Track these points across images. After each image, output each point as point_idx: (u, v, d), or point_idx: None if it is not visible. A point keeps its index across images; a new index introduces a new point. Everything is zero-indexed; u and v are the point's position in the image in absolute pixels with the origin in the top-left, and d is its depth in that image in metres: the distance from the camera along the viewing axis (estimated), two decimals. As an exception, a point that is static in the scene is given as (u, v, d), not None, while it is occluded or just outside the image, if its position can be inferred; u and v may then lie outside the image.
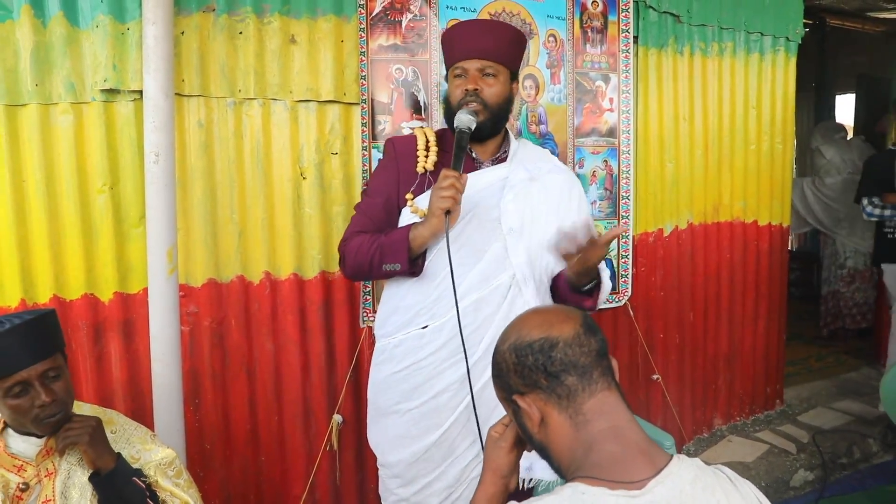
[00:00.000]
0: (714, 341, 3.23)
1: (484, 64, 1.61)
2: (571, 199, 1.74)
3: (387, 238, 1.59)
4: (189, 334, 2.14)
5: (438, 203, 1.48)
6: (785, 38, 3.25)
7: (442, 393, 1.62)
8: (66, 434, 1.34)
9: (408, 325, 1.65)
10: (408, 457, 1.66)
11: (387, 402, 1.69)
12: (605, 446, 0.88)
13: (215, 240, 2.15)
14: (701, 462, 0.92)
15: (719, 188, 3.14)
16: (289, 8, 2.15)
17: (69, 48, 1.91)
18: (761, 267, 3.35)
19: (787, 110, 3.33)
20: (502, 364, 0.98)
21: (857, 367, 4.20)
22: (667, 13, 2.84)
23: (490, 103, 1.61)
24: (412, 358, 1.64)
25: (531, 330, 0.95)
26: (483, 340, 1.60)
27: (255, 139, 2.16)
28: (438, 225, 1.50)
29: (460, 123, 1.56)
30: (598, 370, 0.92)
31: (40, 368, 1.31)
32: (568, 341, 0.92)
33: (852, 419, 3.40)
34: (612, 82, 2.66)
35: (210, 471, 2.20)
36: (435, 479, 1.66)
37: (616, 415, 0.91)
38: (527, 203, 1.65)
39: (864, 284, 4.50)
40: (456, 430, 1.63)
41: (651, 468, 0.87)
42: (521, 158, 1.72)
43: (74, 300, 1.99)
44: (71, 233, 1.96)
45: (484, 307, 1.60)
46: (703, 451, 3.10)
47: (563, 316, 0.96)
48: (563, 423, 0.91)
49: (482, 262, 1.61)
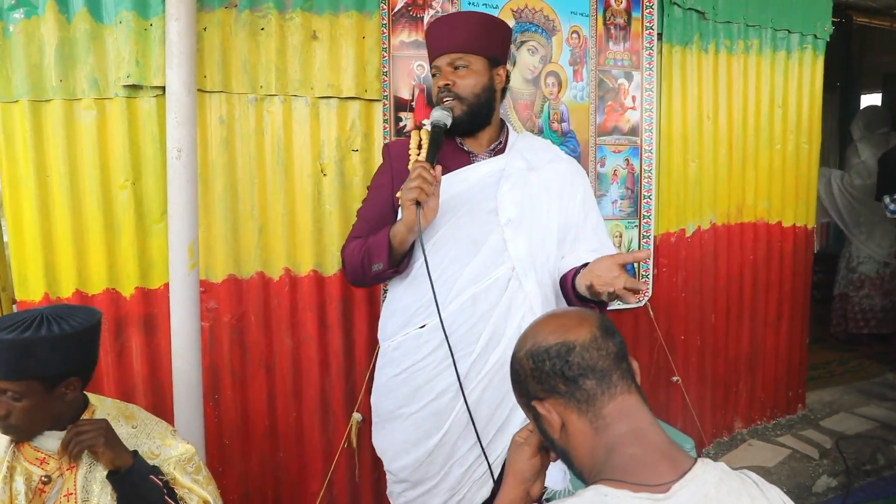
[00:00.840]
0: (735, 344, 3.19)
1: (453, 57, 1.59)
2: (575, 190, 1.69)
3: (372, 238, 1.58)
4: (209, 330, 2.14)
5: (406, 194, 1.46)
6: (813, 35, 3.19)
7: (442, 395, 1.60)
8: (78, 438, 1.33)
9: (406, 325, 1.63)
10: (412, 462, 1.64)
11: (389, 407, 1.67)
12: (627, 449, 0.87)
13: (236, 236, 2.15)
14: (726, 466, 0.90)
15: (743, 188, 3.09)
16: (311, 4, 2.14)
17: (93, 44, 1.92)
18: (785, 269, 3.30)
19: (813, 109, 3.27)
20: (520, 371, 0.97)
21: (881, 372, 4.12)
22: (692, 10, 2.80)
23: (463, 95, 1.59)
24: (411, 359, 1.62)
25: (547, 335, 0.94)
26: (482, 336, 1.57)
27: (276, 135, 2.16)
28: (409, 217, 1.46)
29: (434, 119, 1.56)
30: (618, 373, 0.91)
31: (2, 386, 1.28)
32: (585, 345, 0.91)
33: (877, 425, 3.34)
34: (634, 80, 2.63)
35: (229, 466, 2.21)
36: (439, 482, 1.64)
37: (637, 417, 0.90)
38: (525, 193, 1.61)
39: (873, 292, 4.41)
40: (456, 433, 1.60)
41: (674, 471, 0.85)
42: (519, 149, 1.69)
43: (96, 295, 2.00)
44: (93, 228, 1.97)
45: (481, 302, 1.57)
46: (723, 454, 3.05)
47: (579, 319, 0.95)
48: (583, 427, 0.90)
49: (479, 255, 1.58)
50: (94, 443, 1.33)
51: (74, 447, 1.33)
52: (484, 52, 1.61)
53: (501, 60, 1.66)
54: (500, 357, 1.58)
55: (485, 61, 1.61)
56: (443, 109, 1.58)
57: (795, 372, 3.44)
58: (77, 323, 1.31)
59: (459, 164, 1.65)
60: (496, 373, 1.58)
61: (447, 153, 1.64)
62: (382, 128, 2.25)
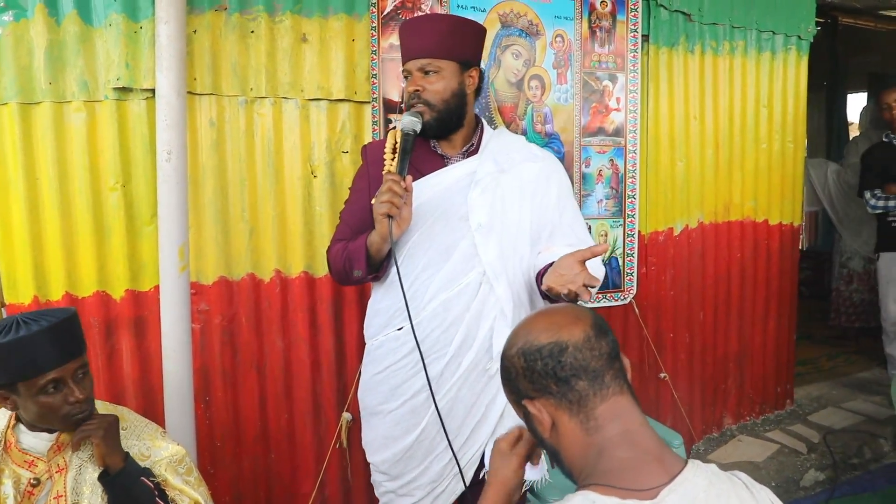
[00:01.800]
0: (724, 340, 3.22)
1: (423, 63, 1.59)
2: (549, 188, 1.69)
3: (352, 244, 1.61)
4: (200, 332, 2.15)
5: (377, 208, 1.48)
6: (797, 36, 3.23)
7: (418, 394, 1.63)
8: (83, 427, 1.36)
9: (385, 326, 1.66)
10: (391, 456, 1.69)
11: (372, 403, 1.72)
12: (617, 452, 0.87)
13: (226, 238, 2.16)
14: (716, 468, 0.90)
15: (730, 187, 3.13)
16: (300, 7, 2.16)
17: (82, 46, 1.93)
18: (772, 266, 3.34)
19: (798, 109, 3.31)
20: (511, 369, 0.95)
21: (868, 366, 4.17)
22: (678, 12, 2.83)
23: (433, 102, 1.59)
24: (390, 359, 1.65)
25: (539, 334, 0.92)
26: (454, 340, 1.60)
27: (266, 137, 2.17)
28: (382, 229, 1.49)
29: (403, 126, 1.57)
30: (610, 373, 0.90)
31: (72, 366, 1.34)
32: (578, 345, 0.89)
33: (863, 419, 3.38)
34: (619, 82, 2.66)
35: (220, 468, 2.22)
36: (419, 475, 1.68)
37: (628, 419, 0.89)
38: (496, 196, 1.62)
39: (861, 286, 4.47)
40: (433, 430, 1.63)
41: (664, 475, 0.85)
42: (491, 150, 1.69)
43: (86, 297, 2.00)
44: (83, 230, 1.98)
45: (453, 307, 1.59)
46: (713, 450, 3.08)
47: (572, 318, 0.93)
48: (574, 428, 0.90)
49: (450, 261, 1.60)
50: (94, 433, 1.35)
51: (78, 434, 1.36)
52: (454, 56, 1.61)
53: (474, 62, 1.66)
54: (474, 359, 1.61)
55: (455, 65, 1.61)
56: (412, 116, 1.58)
57: (783, 368, 3.48)
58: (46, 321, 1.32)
59: (433, 168, 1.66)
60: (470, 373, 1.62)
61: (421, 157, 1.66)
62: (372, 130, 2.27)
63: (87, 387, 1.38)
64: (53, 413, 1.34)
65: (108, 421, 1.38)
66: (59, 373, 1.32)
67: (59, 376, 1.32)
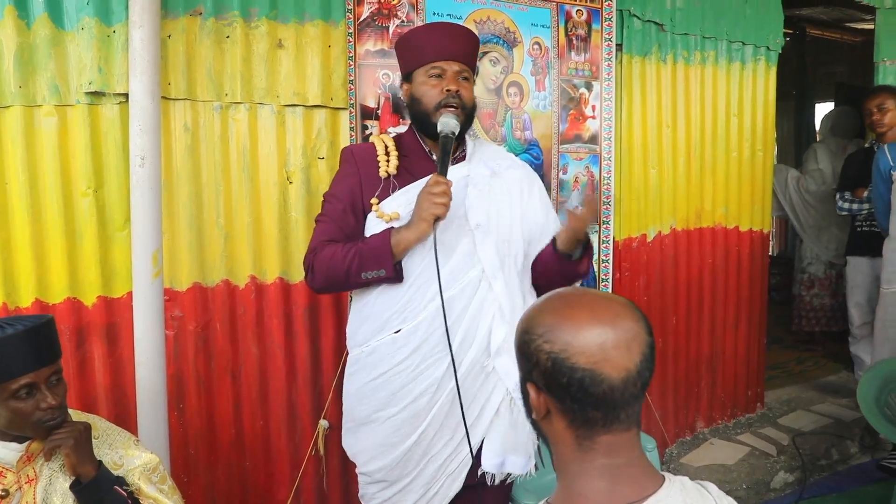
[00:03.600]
0: (696, 345, 3.27)
1: (462, 67, 1.64)
2: (532, 194, 1.76)
3: (365, 245, 1.57)
4: (173, 339, 2.13)
5: (433, 209, 1.48)
6: (766, 47, 3.31)
7: (420, 397, 1.62)
8: (53, 437, 1.34)
9: (379, 331, 1.63)
10: (389, 463, 1.66)
11: (365, 412, 1.68)
12: (597, 483, 0.84)
13: (201, 244, 2.14)
14: (687, 481, 0.88)
15: (701, 194, 3.18)
16: (276, 13, 2.15)
17: (54, 50, 1.90)
18: (742, 272, 3.40)
19: (767, 118, 3.39)
20: (533, 357, 0.85)
21: (836, 370, 4.27)
22: (650, 22, 2.88)
23: (468, 106, 1.64)
24: (387, 364, 1.62)
25: (583, 349, 0.81)
26: (455, 338, 1.59)
27: (241, 143, 2.16)
28: (427, 230, 1.50)
29: (445, 128, 1.57)
30: (628, 411, 0.83)
31: (46, 372, 1.33)
32: (614, 385, 0.80)
33: (831, 422, 3.46)
34: (594, 90, 2.70)
35: (194, 476, 2.19)
36: (415, 478, 1.67)
37: (623, 453, 0.85)
38: (490, 199, 1.67)
39: (822, 291, 4.57)
40: (432, 431, 1.63)
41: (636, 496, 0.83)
42: (480, 156, 1.74)
43: (57, 304, 1.97)
44: (54, 236, 1.95)
45: (455, 304, 1.60)
46: (686, 453, 3.13)
47: (624, 347, 0.81)
48: (568, 436, 0.86)
49: (452, 260, 1.61)
50: (63, 443, 1.33)
51: (48, 444, 1.34)
52: (475, 70, 1.71)
53: None
54: (474, 357, 1.62)
55: (474, 78, 1.70)
56: (452, 118, 1.59)
57: (754, 371, 3.54)
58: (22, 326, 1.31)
59: (427, 172, 1.66)
60: (469, 372, 1.62)
61: (415, 161, 1.68)
62: (349, 136, 2.27)
63: (61, 393, 1.36)
64: (25, 419, 1.32)
65: (80, 429, 1.36)
66: (33, 378, 1.31)
67: (33, 381, 1.31)
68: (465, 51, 1.65)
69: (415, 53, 1.65)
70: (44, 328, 1.34)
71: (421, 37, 1.66)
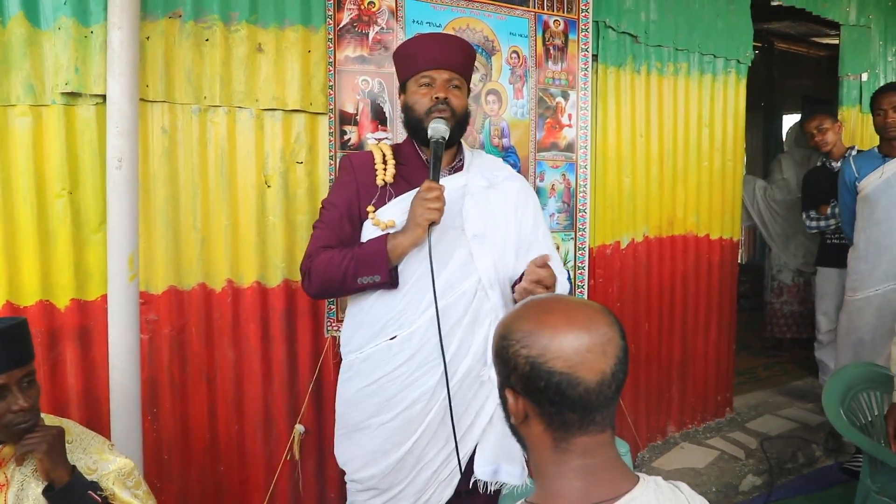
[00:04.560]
0: (668, 351, 3.33)
1: (451, 75, 1.66)
2: (527, 207, 1.78)
3: (361, 251, 1.58)
4: (148, 342, 2.11)
5: (427, 214, 1.50)
6: (736, 60, 3.39)
7: (415, 403, 1.62)
8: (25, 441, 1.32)
9: (375, 337, 1.64)
10: (382, 470, 1.65)
11: (358, 418, 1.67)
12: (574, 483, 0.86)
13: (177, 247, 2.13)
14: (661, 480, 0.91)
15: (674, 203, 3.25)
16: (256, 17, 2.15)
17: (29, 49, 1.88)
18: (713, 279, 3.48)
19: (737, 129, 3.48)
20: (511, 361, 0.87)
21: (802, 376, 4.38)
22: (625, 33, 2.94)
23: (458, 112, 1.65)
24: (382, 370, 1.62)
25: (560, 353, 0.83)
26: (451, 346, 1.61)
27: (219, 146, 2.15)
28: (422, 235, 1.52)
29: (435, 133, 1.59)
30: (603, 413, 0.86)
31: (18, 374, 1.32)
32: (590, 388, 0.83)
33: (797, 426, 3.55)
34: (571, 99, 2.74)
35: (167, 481, 2.17)
36: (407, 486, 1.67)
37: (599, 454, 0.87)
38: (487, 209, 1.69)
39: (790, 298, 4.69)
40: (426, 439, 1.64)
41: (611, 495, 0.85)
42: (477, 166, 1.75)
43: (29, 307, 1.94)
44: (27, 237, 1.92)
45: (451, 313, 1.61)
46: (657, 457, 3.18)
47: (599, 351, 0.84)
48: (545, 438, 0.87)
49: (447, 268, 1.63)
50: (36, 448, 1.32)
51: (20, 449, 1.32)
52: (468, 78, 1.72)
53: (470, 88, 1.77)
54: (469, 366, 1.63)
55: (467, 88, 1.72)
56: (442, 123, 1.60)
57: (724, 377, 3.62)
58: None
59: (423, 180, 1.66)
60: (463, 381, 1.63)
61: (413, 169, 1.69)
62: (328, 141, 2.27)
63: (33, 396, 1.35)
64: None
65: (53, 434, 1.35)
66: (4, 379, 1.30)
67: (4, 383, 1.30)
68: (456, 60, 1.66)
69: (408, 63, 1.68)
70: (16, 329, 1.33)
71: (414, 47, 1.69)
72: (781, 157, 4.71)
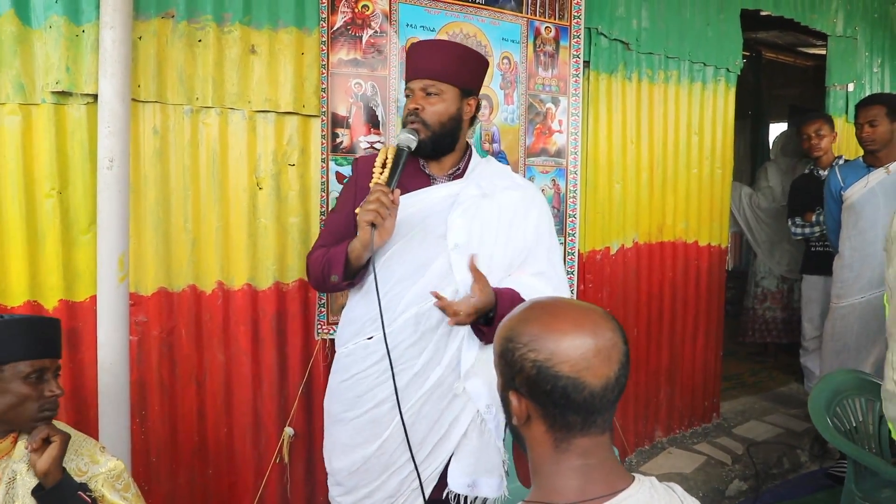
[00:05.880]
0: (656, 357, 3.35)
1: (426, 83, 1.67)
2: (528, 218, 1.75)
3: (333, 250, 1.67)
4: (137, 344, 2.09)
5: (362, 215, 1.54)
6: (726, 69, 3.43)
7: (381, 404, 1.65)
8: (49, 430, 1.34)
9: (356, 335, 1.69)
10: (348, 465, 1.70)
11: (336, 410, 1.74)
12: (571, 481, 0.88)
13: (167, 248, 2.12)
14: (655, 480, 0.93)
15: (663, 209, 3.27)
16: (250, 18, 2.15)
17: (20, 48, 1.86)
18: (701, 285, 3.50)
19: (726, 137, 3.51)
20: (517, 364, 0.88)
21: (787, 382, 4.42)
22: (617, 40, 2.96)
23: (429, 122, 1.66)
24: (357, 367, 1.68)
25: (567, 358, 0.85)
26: (423, 354, 1.63)
27: (211, 148, 2.14)
28: (364, 236, 1.55)
29: (400, 142, 1.64)
30: (604, 416, 0.88)
31: (55, 363, 1.39)
32: (595, 392, 0.85)
33: (783, 431, 3.58)
34: (561, 105, 2.76)
35: (156, 484, 2.15)
36: (375, 490, 1.68)
37: (597, 454, 0.89)
38: (476, 219, 1.68)
39: (774, 305, 4.74)
40: (394, 443, 1.65)
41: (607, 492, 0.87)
42: (477, 175, 1.75)
43: (16, 307, 1.91)
44: (15, 237, 1.90)
45: (424, 321, 1.63)
46: (645, 462, 3.19)
47: (605, 356, 0.86)
48: (546, 438, 0.89)
49: (425, 276, 1.64)
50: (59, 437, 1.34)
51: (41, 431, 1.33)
52: (457, 82, 1.68)
53: (474, 91, 1.74)
54: (441, 376, 1.64)
55: (456, 91, 1.69)
56: (409, 133, 1.64)
57: (711, 383, 3.64)
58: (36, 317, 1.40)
59: (418, 186, 1.71)
60: (435, 390, 1.64)
61: (409, 174, 1.70)
62: (320, 143, 2.27)
63: (61, 387, 1.41)
64: (28, 403, 1.34)
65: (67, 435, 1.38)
66: (46, 363, 1.36)
67: (46, 366, 1.36)
68: (432, 66, 1.66)
69: (405, 73, 1.74)
70: (54, 323, 1.44)
71: (407, 57, 1.73)
72: (768, 165, 4.76)
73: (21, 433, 1.38)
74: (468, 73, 1.72)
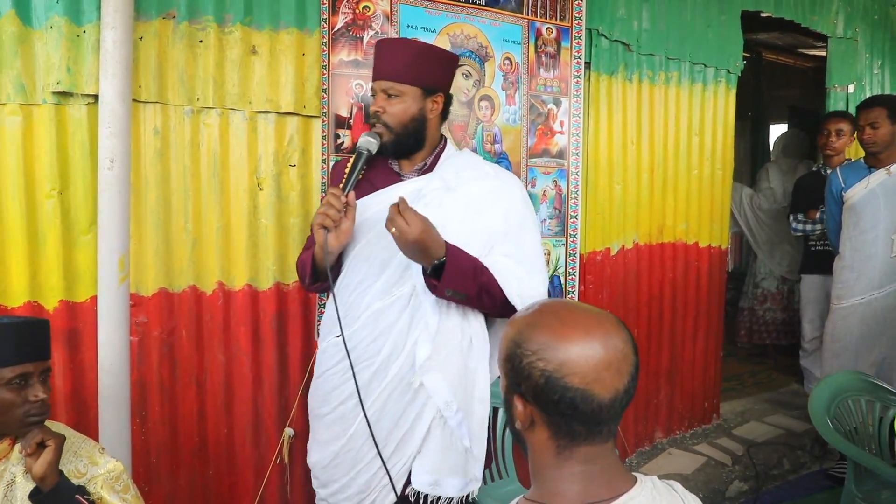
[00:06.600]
0: (656, 358, 3.35)
1: (386, 85, 1.67)
2: (496, 206, 1.70)
3: (304, 255, 1.76)
4: (138, 345, 2.09)
5: (314, 219, 1.58)
6: (726, 70, 3.43)
7: (346, 401, 1.69)
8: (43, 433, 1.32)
9: (329, 334, 1.75)
10: (321, 459, 1.75)
11: (313, 406, 1.81)
12: (573, 486, 0.88)
13: (168, 249, 2.11)
14: (657, 480, 0.93)
15: (664, 210, 3.27)
16: (251, 19, 2.15)
17: (20, 48, 1.86)
18: (701, 286, 3.50)
19: (727, 138, 3.51)
20: (524, 371, 0.86)
21: (787, 383, 4.42)
22: (618, 41, 2.96)
23: (391, 124, 1.66)
24: (327, 364, 1.73)
25: (577, 369, 0.83)
26: (383, 349, 1.65)
27: (212, 148, 2.14)
28: (319, 240, 1.59)
29: (359, 145, 1.67)
30: (610, 426, 0.88)
31: (40, 366, 1.36)
32: (603, 404, 0.84)
33: (783, 432, 3.58)
34: (563, 106, 2.76)
35: (156, 485, 2.15)
36: (346, 485, 1.71)
37: (599, 461, 0.88)
38: (437, 213, 1.60)
39: (774, 306, 4.73)
40: (360, 440, 1.67)
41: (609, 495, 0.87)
42: (444, 169, 1.73)
43: (16, 308, 1.91)
44: (15, 237, 1.89)
45: (383, 318, 1.65)
46: (645, 463, 3.19)
47: (615, 369, 0.84)
48: (549, 444, 0.89)
49: (385, 273, 1.66)
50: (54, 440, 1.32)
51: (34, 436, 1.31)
52: (418, 82, 1.67)
53: (440, 88, 1.71)
54: (400, 370, 1.65)
55: (417, 91, 1.67)
56: (370, 136, 1.66)
57: (711, 384, 3.64)
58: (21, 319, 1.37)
59: (387, 183, 1.72)
60: (396, 386, 1.65)
61: (378, 173, 1.73)
62: (321, 144, 2.27)
63: (49, 391, 1.38)
64: (13, 409, 1.32)
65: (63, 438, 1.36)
66: (29, 368, 1.33)
67: (28, 372, 1.33)
68: (390, 67, 1.65)
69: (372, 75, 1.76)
70: (41, 325, 1.41)
71: (374, 57, 1.74)
72: (768, 166, 4.76)
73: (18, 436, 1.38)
74: (429, 71, 1.68)
